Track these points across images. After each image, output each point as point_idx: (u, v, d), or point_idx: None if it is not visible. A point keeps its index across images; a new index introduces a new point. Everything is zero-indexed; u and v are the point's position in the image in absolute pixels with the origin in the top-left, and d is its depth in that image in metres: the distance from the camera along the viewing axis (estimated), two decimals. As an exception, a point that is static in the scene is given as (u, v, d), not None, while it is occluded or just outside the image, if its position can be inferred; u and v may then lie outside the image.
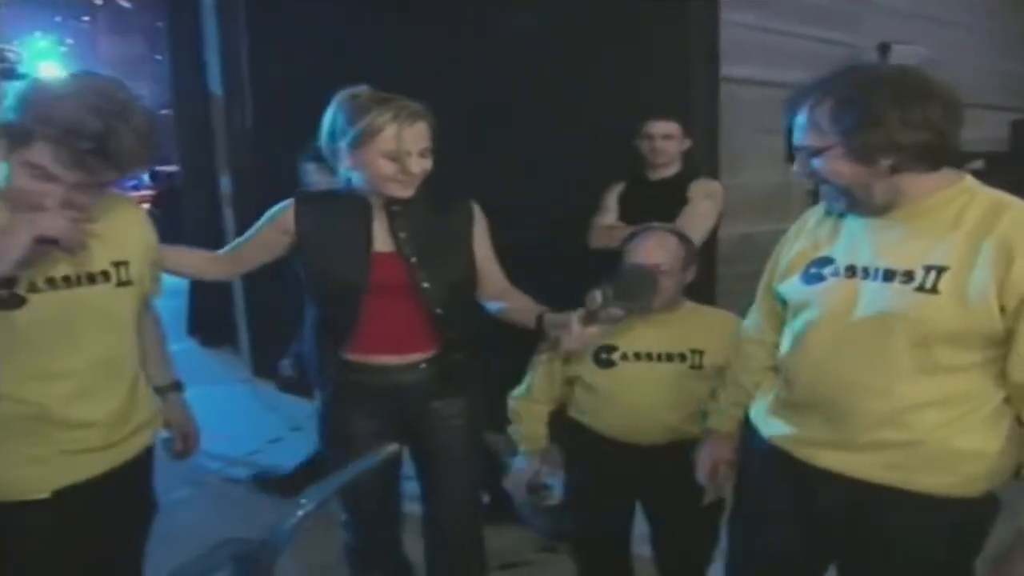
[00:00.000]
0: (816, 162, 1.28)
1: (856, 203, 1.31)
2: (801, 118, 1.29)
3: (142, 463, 1.54)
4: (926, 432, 1.27)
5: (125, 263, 1.44)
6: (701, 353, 1.79)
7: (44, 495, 1.34)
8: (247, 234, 1.79)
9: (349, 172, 1.68)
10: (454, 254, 1.75)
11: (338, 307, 1.70)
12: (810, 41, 4.01)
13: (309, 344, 1.83)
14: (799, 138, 1.30)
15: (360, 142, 1.59)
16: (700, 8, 3.13)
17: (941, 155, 1.24)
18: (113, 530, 1.37)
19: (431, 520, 1.85)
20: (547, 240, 2.88)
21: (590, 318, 1.57)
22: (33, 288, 1.32)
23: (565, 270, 2.11)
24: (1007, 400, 1.29)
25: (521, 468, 1.91)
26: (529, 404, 1.92)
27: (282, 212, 1.74)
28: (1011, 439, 1.30)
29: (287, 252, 1.75)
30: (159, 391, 1.67)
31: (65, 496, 1.36)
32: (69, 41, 10.63)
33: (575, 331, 1.58)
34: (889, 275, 1.27)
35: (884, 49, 4.21)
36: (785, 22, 3.88)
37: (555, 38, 3.13)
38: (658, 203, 2.61)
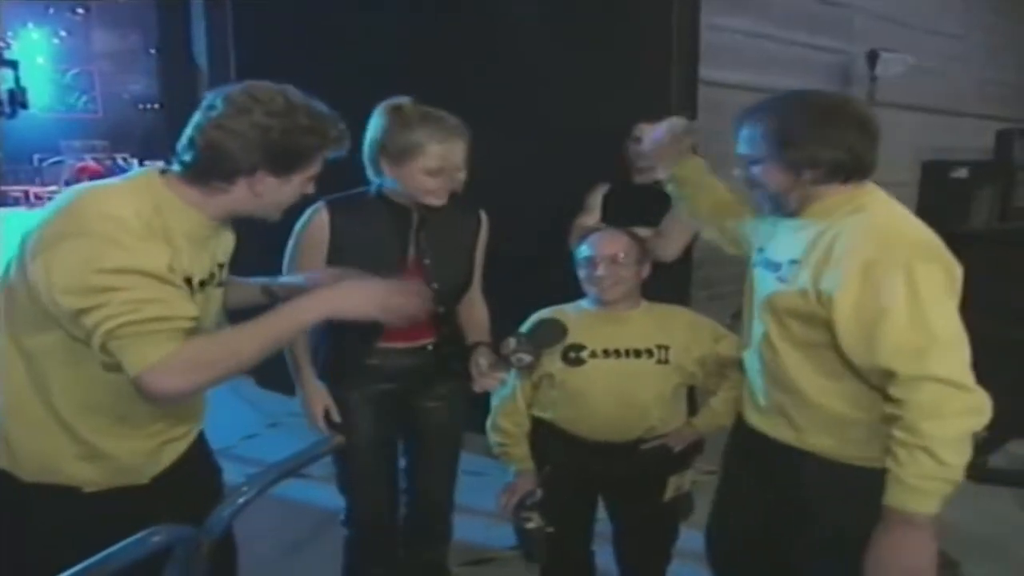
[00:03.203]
0: (754, 169, 1.52)
1: (780, 207, 1.54)
2: (745, 132, 1.52)
3: (201, 439, 1.62)
4: (805, 394, 1.47)
5: (223, 265, 1.51)
6: (667, 348, 1.83)
7: (143, 482, 1.44)
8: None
9: (384, 179, 1.78)
10: (461, 260, 1.90)
11: None
12: (801, 47, 4.04)
13: (321, 338, 1.90)
14: (742, 148, 1.53)
15: (403, 158, 1.71)
16: (682, 12, 3.13)
17: (853, 171, 1.45)
18: (202, 502, 1.38)
19: (417, 480, 2.04)
20: (531, 241, 2.88)
21: (502, 361, 1.73)
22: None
23: (548, 271, 2.12)
24: None
25: (514, 483, 1.90)
26: (514, 417, 1.92)
27: (316, 228, 1.77)
28: None
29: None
30: None
31: (159, 480, 1.46)
32: (62, 33, 10.57)
33: (484, 371, 1.75)
34: (775, 266, 1.53)
35: (872, 57, 4.25)
36: (777, 28, 3.90)
37: (539, 37, 3.13)
38: (642, 207, 2.58)
